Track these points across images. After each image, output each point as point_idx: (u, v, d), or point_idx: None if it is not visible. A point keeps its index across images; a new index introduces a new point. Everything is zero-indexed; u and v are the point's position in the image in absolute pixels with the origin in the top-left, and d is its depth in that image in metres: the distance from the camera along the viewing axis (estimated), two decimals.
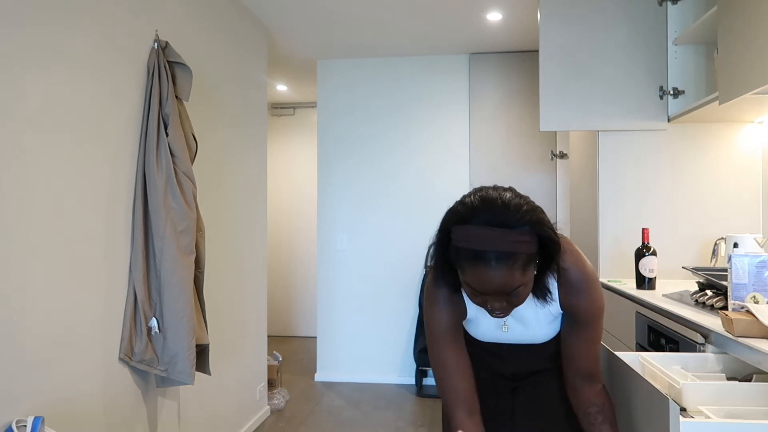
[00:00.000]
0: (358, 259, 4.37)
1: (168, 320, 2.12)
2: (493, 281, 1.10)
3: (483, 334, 1.38)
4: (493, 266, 1.08)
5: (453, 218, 1.16)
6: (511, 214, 1.10)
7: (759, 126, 2.68)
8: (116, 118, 2.07)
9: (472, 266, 1.10)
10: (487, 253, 1.08)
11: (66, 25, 1.83)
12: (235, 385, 3.14)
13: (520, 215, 1.10)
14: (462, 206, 1.16)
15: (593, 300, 1.28)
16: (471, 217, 1.12)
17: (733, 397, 1.27)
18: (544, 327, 1.34)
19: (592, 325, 1.30)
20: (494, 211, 1.11)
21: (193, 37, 2.67)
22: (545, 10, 2.77)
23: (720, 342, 1.53)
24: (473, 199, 1.15)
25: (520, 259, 1.09)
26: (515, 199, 1.13)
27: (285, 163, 6.03)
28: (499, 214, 1.10)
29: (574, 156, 3.36)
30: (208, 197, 2.80)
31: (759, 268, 1.53)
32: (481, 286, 1.11)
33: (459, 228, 1.13)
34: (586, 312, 1.28)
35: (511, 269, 1.09)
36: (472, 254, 1.10)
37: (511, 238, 1.08)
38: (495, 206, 1.11)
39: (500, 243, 1.08)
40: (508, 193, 1.15)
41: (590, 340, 1.31)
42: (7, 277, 1.60)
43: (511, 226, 1.09)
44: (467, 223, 1.12)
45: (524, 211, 1.11)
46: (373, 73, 4.37)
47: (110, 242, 2.04)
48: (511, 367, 1.44)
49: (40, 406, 1.71)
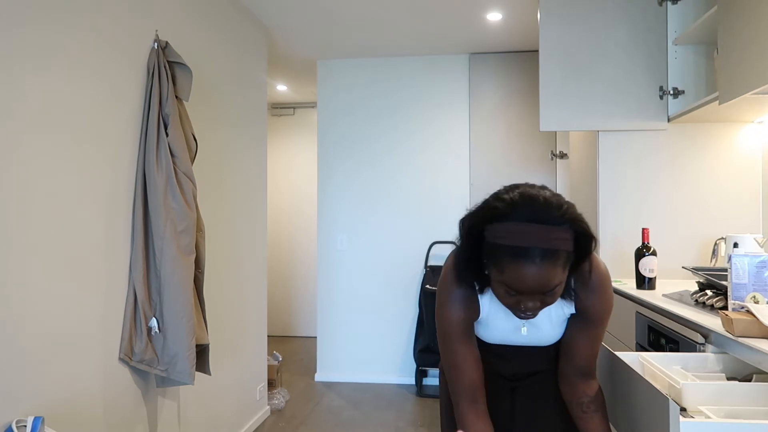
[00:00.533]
0: (358, 259, 4.37)
1: (168, 320, 2.12)
2: (535, 279, 1.08)
3: (494, 336, 1.37)
4: (537, 263, 1.07)
5: (489, 215, 1.13)
6: (553, 211, 1.09)
7: (759, 126, 2.68)
8: (116, 118, 2.07)
9: (512, 263, 1.08)
10: (531, 249, 1.06)
11: (66, 25, 1.83)
12: (235, 385, 3.14)
13: (561, 212, 1.10)
14: (500, 203, 1.12)
15: (606, 300, 1.29)
16: (511, 213, 1.09)
17: (733, 397, 1.27)
18: (554, 329, 1.34)
19: (600, 324, 1.31)
20: (536, 207, 1.09)
21: (193, 37, 2.67)
22: (545, 10, 2.77)
23: (720, 342, 1.53)
24: (512, 196, 1.12)
25: (562, 257, 1.09)
26: (555, 197, 1.12)
27: (285, 163, 6.03)
28: (542, 211, 1.09)
29: (574, 156, 3.36)
30: (208, 197, 2.80)
31: (759, 268, 1.53)
32: (520, 285, 1.09)
33: (498, 225, 1.10)
34: (599, 312, 1.29)
35: (554, 267, 1.08)
36: (513, 251, 1.07)
37: (554, 235, 1.07)
38: (537, 203, 1.10)
39: (544, 240, 1.07)
40: (547, 190, 1.14)
41: (594, 338, 1.32)
42: (7, 277, 1.60)
43: (554, 222, 1.08)
44: (506, 219, 1.09)
45: (565, 208, 1.10)
46: (373, 73, 4.37)
47: (110, 242, 2.04)
48: (512, 368, 1.44)
49: (40, 406, 1.71)
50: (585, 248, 1.14)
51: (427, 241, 4.29)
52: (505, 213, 1.10)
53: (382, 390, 4.16)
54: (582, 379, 1.34)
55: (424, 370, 4.21)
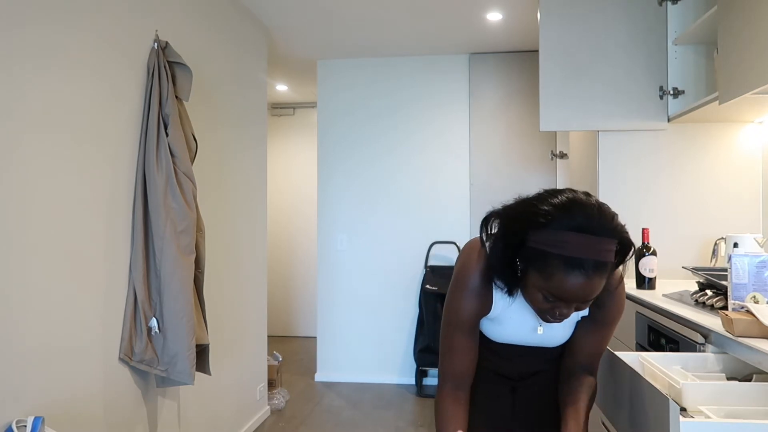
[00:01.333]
0: (358, 259, 4.37)
1: (168, 320, 2.12)
2: (583, 290, 1.06)
3: (504, 335, 1.36)
4: (590, 275, 1.05)
5: (532, 220, 1.09)
6: (606, 222, 1.07)
7: (759, 126, 2.68)
8: (116, 118, 2.07)
9: (563, 274, 1.05)
10: (586, 261, 1.04)
11: (66, 25, 1.83)
12: (235, 385, 3.14)
13: (614, 224, 1.08)
14: (547, 207, 1.09)
15: (621, 303, 1.29)
16: (562, 220, 1.06)
17: (733, 397, 1.27)
18: (566, 329, 1.35)
19: (611, 325, 1.31)
20: (590, 216, 1.06)
21: (193, 37, 2.67)
22: (545, 10, 2.77)
23: (720, 342, 1.53)
24: (561, 200, 1.09)
25: (609, 268, 1.08)
26: (605, 208, 1.10)
27: (285, 163, 6.03)
28: (595, 221, 1.06)
29: (574, 156, 3.36)
30: (208, 197, 2.80)
31: (759, 268, 1.53)
32: (565, 294, 1.07)
33: (546, 232, 1.07)
34: (611, 314, 1.29)
35: (602, 278, 1.07)
36: (567, 261, 1.05)
37: (607, 247, 1.06)
38: (591, 210, 1.07)
39: (598, 252, 1.05)
40: (596, 200, 1.11)
41: (603, 339, 1.33)
42: (7, 277, 1.60)
43: (608, 234, 1.06)
44: (553, 224, 1.07)
45: (617, 220, 1.09)
46: (373, 73, 4.37)
47: (110, 242, 2.04)
48: (515, 368, 1.44)
49: (40, 406, 1.71)
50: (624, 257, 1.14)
51: (427, 241, 4.29)
52: (552, 219, 1.07)
53: (382, 390, 4.16)
54: (582, 373, 1.35)
55: (424, 370, 4.21)
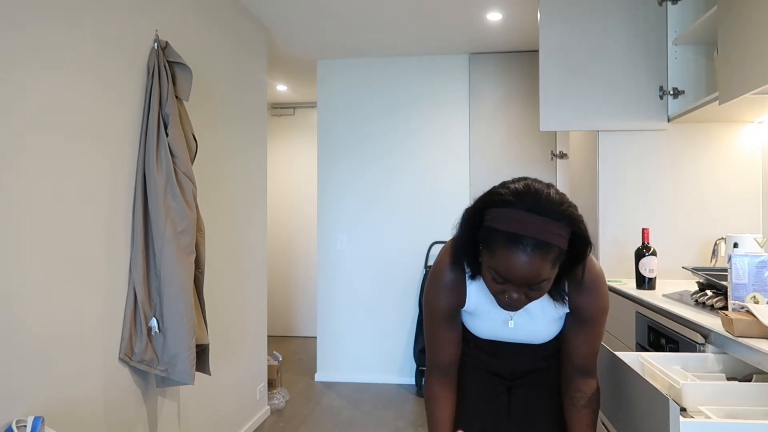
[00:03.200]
0: (358, 259, 4.37)
1: (168, 320, 2.12)
2: (524, 269, 1.09)
3: (485, 330, 1.39)
4: (528, 252, 1.08)
5: (492, 200, 1.16)
6: (554, 206, 1.11)
7: (759, 126, 2.68)
8: (116, 118, 2.08)
9: (505, 249, 1.10)
10: (525, 238, 1.08)
11: (66, 25, 1.83)
12: (235, 385, 3.14)
13: (562, 209, 1.11)
14: (505, 189, 1.15)
15: (601, 300, 1.29)
16: (514, 200, 1.12)
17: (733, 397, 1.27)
18: (547, 326, 1.35)
19: (597, 324, 1.31)
20: (538, 199, 1.11)
21: (193, 37, 2.67)
22: (545, 10, 2.77)
23: (720, 342, 1.53)
24: (517, 186, 1.15)
25: (553, 252, 1.10)
26: (557, 194, 1.15)
27: (285, 163, 6.03)
28: (542, 203, 1.10)
29: (574, 156, 3.36)
30: (208, 197, 2.80)
31: (759, 268, 1.53)
32: (508, 273, 1.11)
33: (498, 210, 1.13)
34: (594, 312, 1.30)
35: (544, 260, 1.09)
36: (508, 237, 1.09)
37: (551, 228, 1.09)
38: (539, 195, 1.12)
39: (539, 231, 1.08)
40: (552, 188, 1.16)
41: (592, 338, 1.33)
42: (8, 277, 1.60)
43: (552, 217, 1.10)
44: (508, 206, 1.12)
45: (566, 206, 1.12)
46: (373, 73, 4.37)
47: (110, 242, 2.04)
48: (507, 366, 1.44)
49: (40, 406, 1.71)
50: (580, 252, 1.16)
51: (427, 241, 4.29)
52: (507, 200, 1.13)
53: (382, 390, 4.16)
54: (580, 376, 1.35)
55: (424, 370, 4.20)
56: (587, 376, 1.35)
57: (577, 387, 1.35)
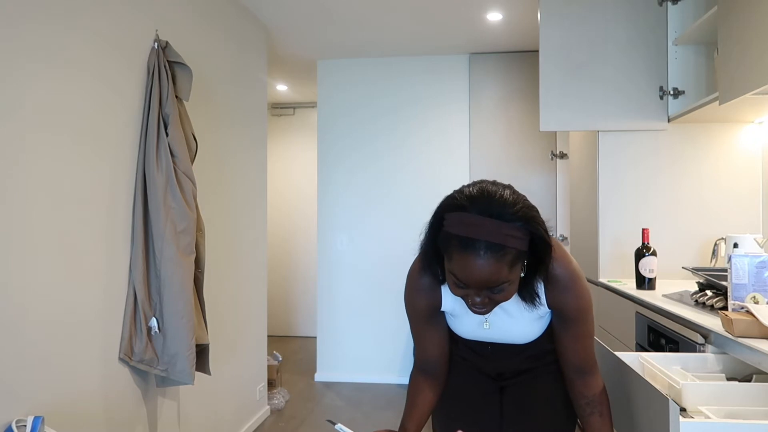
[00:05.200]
0: (358, 259, 4.37)
1: (168, 320, 2.12)
2: (479, 272, 1.09)
3: (464, 331, 1.39)
4: (482, 255, 1.08)
5: (448, 205, 1.16)
6: (506, 208, 1.11)
7: (759, 126, 2.68)
8: (116, 117, 2.08)
9: (460, 253, 1.10)
10: (478, 242, 1.08)
11: (66, 24, 1.83)
12: (234, 385, 3.14)
13: (515, 210, 1.11)
14: (459, 194, 1.16)
15: (580, 297, 1.28)
16: (466, 205, 1.12)
17: (733, 397, 1.27)
18: (527, 326, 1.34)
19: (581, 321, 1.30)
20: (490, 202, 1.11)
21: (193, 37, 2.67)
22: (545, 10, 2.77)
23: (720, 342, 1.53)
24: (471, 189, 1.16)
25: (509, 254, 1.09)
26: (512, 196, 1.14)
27: (285, 163, 6.03)
28: (495, 206, 1.11)
29: (574, 156, 3.36)
30: (208, 197, 2.80)
31: (759, 268, 1.53)
32: (465, 276, 1.11)
33: (453, 215, 1.13)
34: (574, 310, 1.28)
35: (499, 262, 1.09)
36: (462, 241, 1.10)
37: (504, 230, 1.09)
38: (492, 198, 1.12)
39: (492, 233, 1.08)
40: (507, 189, 1.16)
41: (580, 336, 1.31)
42: (8, 277, 1.60)
43: (505, 219, 1.09)
44: (462, 210, 1.12)
45: (519, 207, 1.12)
46: (373, 73, 4.37)
47: (110, 242, 2.04)
48: (495, 367, 1.44)
49: (40, 406, 1.71)
50: (540, 252, 1.15)
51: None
52: (462, 204, 1.13)
53: (382, 390, 4.16)
54: (579, 377, 1.34)
55: None
56: (586, 375, 1.34)
57: (579, 392, 1.34)
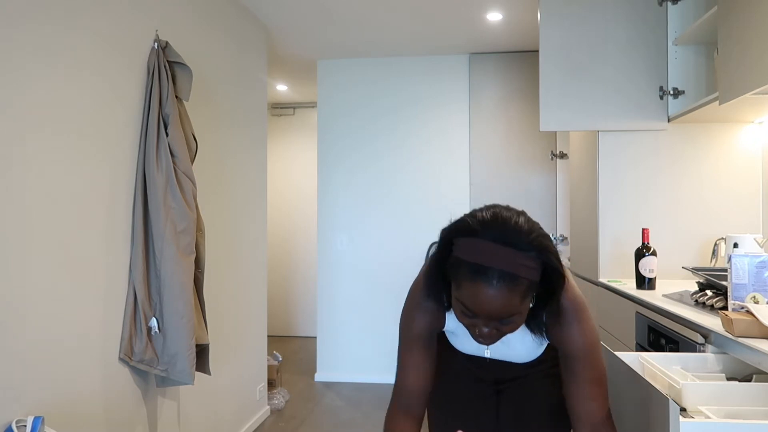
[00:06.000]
0: (358, 259, 4.37)
1: (168, 320, 2.12)
2: (490, 302, 1.03)
3: (466, 348, 1.37)
4: (494, 285, 1.02)
5: (459, 229, 1.10)
6: (522, 236, 1.05)
7: (759, 126, 2.68)
8: (116, 118, 2.08)
9: (470, 281, 1.04)
10: (490, 270, 1.02)
11: (66, 24, 1.83)
12: (234, 385, 3.14)
13: (530, 238, 1.05)
14: (472, 219, 1.10)
15: (587, 331, 1.19)
16: (480, 230, 1.06)
17: (733, 397, 1.27)
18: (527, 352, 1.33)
19: (589, 361, 1.20)
20: (505, 229, 1.06)
21: (193, 37, 2.67)
22: (545, 10, 2.77)
23: (720, 342, 1.53)
24: (485, 214, 1.10)
25: (522, 284, 1.04)
26: (527, 223, 1.08)
27: (285, 163, 6.03)
28: (510, 233, 1.05)
29: (574, 156, 3.36)
30: (208, 197, 2.80)
31: (759, 268, 1.53)
32: (475, 306, 1.05)
33: (464, 240, 1.07)
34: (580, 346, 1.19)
35: (511, 293, 1.03)
36: (473, 269, 1.04)
37: (518, 259, 1.03)
38: (507, 225, 1.06)
39: (506, 262, 1.02)
40: (522, 216, 1.10)
41: (590, 380, 1.20)
42: (7, 278, 1.60)
43: (520, 247, 1.04)
44: (474, 236, 1.06)
45: (534, 235, 1.06)
46: (373, 73, 4.37)
47: (110, 242, 2.04)
48: (493, 374, 1.45)
49: (40, 406, 1.71)
50: (553, 283, 1.09)
51: (426, 240, 4.25)
52: (473, 229, 1.07)
53: (382, 390, 4.16)
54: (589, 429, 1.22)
55: None
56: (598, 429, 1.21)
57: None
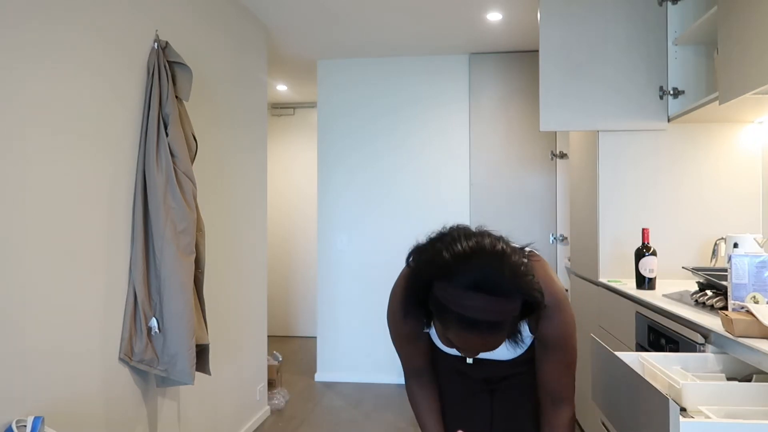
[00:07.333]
0: (358, 259, 4.37)
1: (168, 320, 2.12)
2: (478, 346, 1.07)
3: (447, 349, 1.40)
4: (484, 335, 1.04)
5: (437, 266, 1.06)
6: (506, 281, 1.02)
7: (759, 126, 2.68)
8: (116, 117, 2.08)
9: (458, 329, 1.05)
10: (479, 322, 1.02)
11: (66, 24, 1.83)
12: (235, 385, 3.14)
13: (515, 284, 1.03)
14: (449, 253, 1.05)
15: (563, 324, 1.24)
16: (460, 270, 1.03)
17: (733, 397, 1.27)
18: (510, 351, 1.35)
19: (563, 348, 1.27)
20: (488, 273, 1.02)
21: (193, 37, 2.67)
22: (545, 10, 2.77)
23: (720, 342, 1.53)
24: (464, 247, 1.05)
25: (508, 324, 1.06)
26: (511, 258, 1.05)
27: (285, 163, 6.03)
28: (494, 278, 1.02)
29: (574, 156, 3.36)
30: (208, 197, 2.80)
31: (759, 268, 1.53)
32: (461, 346, 1.08)
33: (446, 285, 1.04)
34: (556, 337, 1.25)
35: (498, 335, 1.05)
36: (461, 320, 1.03)
37: (504, 308, 1.02)
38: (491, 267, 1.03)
39: (493, 313, 1.02)
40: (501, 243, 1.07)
41: (561, 363, 1.29)
42: (7, 278, 1.60)
43: (505, 294, 1.02)
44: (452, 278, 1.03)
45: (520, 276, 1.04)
46: (373, 73, 4.37)
47: (110, 242, 2.04)
48: (483, 374, 1.45)
49: (40, 406, 1.71)
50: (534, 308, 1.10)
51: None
52: (451, 270, 1.03)
53: (382, 390, 4.16)
54: (552, 405, 1.32)
55: None
56: (560, 404, 1.32)
57: (547, 420, 1.33)
